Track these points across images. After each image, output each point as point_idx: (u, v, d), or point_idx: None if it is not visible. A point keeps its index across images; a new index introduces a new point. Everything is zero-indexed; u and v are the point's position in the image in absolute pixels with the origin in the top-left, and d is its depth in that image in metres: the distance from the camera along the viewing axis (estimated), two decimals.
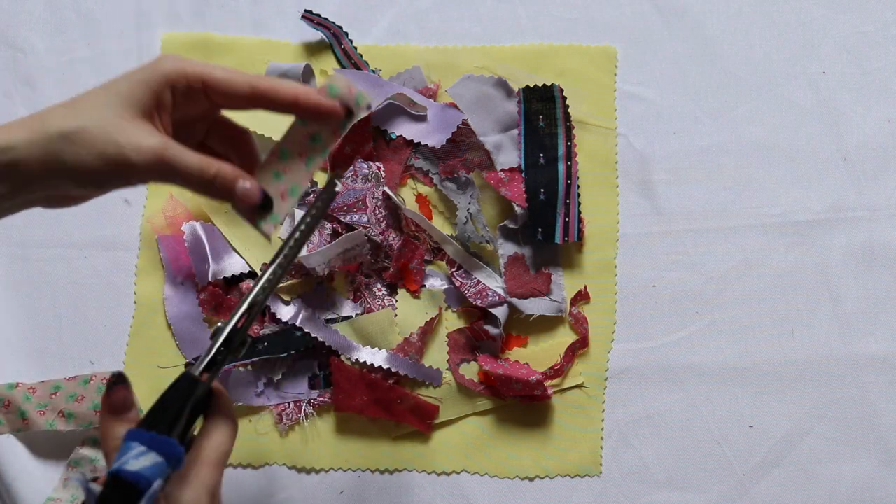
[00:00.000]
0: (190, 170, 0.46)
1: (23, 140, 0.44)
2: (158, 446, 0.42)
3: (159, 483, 0.41)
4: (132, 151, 0.45)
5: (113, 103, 0.46)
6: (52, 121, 0.45)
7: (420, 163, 0.74)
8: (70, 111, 0.46)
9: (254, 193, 0.47)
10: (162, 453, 0.42)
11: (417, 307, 0.71)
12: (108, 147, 0.45)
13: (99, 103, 0.46)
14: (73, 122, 0.45)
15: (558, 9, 0.79)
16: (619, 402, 0.69)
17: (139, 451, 0.41)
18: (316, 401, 0.69)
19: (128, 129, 0.45)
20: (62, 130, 0.45)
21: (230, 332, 0.47)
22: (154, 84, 0.47)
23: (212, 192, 0.47)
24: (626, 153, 0.75)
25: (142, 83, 0.47)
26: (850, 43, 0.77)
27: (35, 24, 0.79)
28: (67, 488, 0.65)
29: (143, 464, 0.41)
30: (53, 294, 0.72)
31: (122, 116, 0.45)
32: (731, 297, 0.71)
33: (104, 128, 0.45)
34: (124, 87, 0.46)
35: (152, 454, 0.41)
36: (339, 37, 0.77)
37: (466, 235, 0.71)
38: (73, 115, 0.45)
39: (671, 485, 0.67)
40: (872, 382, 0.69)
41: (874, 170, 0.74)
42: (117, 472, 0.41)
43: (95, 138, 0.45)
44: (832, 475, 0.67)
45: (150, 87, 0.47)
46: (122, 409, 0.46)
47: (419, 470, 0.68)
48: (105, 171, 0.45)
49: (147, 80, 0.47)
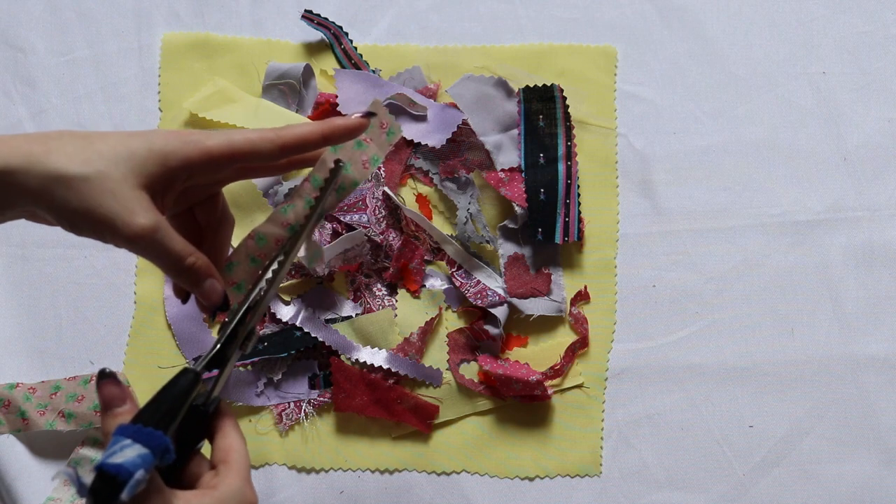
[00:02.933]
0: (170, 254, 0.45)
1: (21, 167, 0.43)
2: (143, 438, 0.42)
3: (142, 473, 0.41)
4: (122, 224, 0.44)
5: (124, 163, 0.44)
6: (56, 156, 0.44)
7: (420, 163, 0.74)
8: (79, 153, 0.44)
9: (217, 293, 0.48)
10: (147, 445, 0.42)
11: (417, 307, 0.71)
12: (100, 207, 0.43)
13: (111, 157, 0.44)
14: (76, 168, 0.44)
15: (558, 9, 0.79)
16: (619, 402, 0.69)
17: (124, 443, 0.42)
18: (316, 401, 0.69)
19: (128, 198, 0.44)
20: (62, 173, 0.43)
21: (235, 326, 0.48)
22: (172, 164, 0.45)
23: (180, 277, 0.47)
24: (626, 153, 0.75)
25: (160, 157, 0.45)
26: (850, 43, 0.77)
27: (35, 24, 0.79)
28: (67, 488, 0.65)
29: (126, 456, 0.41)
30: (53, 294, 0.72)
31: (127, 180, 0.44)
32: (731, 297, 0.71)
33: (105, 186, 0.44)
34: (142, 152, 0.45)
35: (137, 446, 0.42)
36: (339, 37, 0.77)
37: (466, 235, 0.71)
38: (80, 160, 0.44)
39: (671, 485, 0.67)
40: (872, 382, 0.69)
41: (874, 170, 0.74)
42: (100, 466, 0.41)
43: (91, 193, 0.43)
44: (832, 475, 0.67)
45: (166, 167, 0.45)
46: (114, 403, 0.46)
47: (419, 470, 0.68)
48: (86, 226, 0.44)
49: (166, 158, 0.45)
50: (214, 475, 0.45)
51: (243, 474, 0.46)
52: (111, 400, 0.46)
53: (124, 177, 0.44)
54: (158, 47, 0.78)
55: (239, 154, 0.46)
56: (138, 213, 0.44)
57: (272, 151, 0.47)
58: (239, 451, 0.46)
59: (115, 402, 0.46)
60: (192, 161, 0.46)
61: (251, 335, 0.49)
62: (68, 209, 0.44)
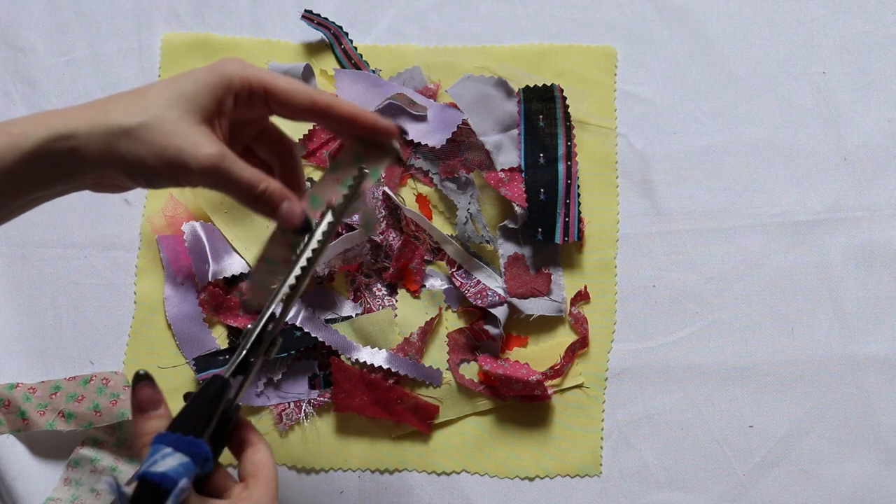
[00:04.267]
0: (241, 182, 0.46)
1: (83, 129, 0.44)
2: (184, 447, 0.43)
3: (185, 482, 0.42)
4: (190, 157, 0.45)
5: (177, 104, 0.46)
6: (114, 114, 0.45)
7: (420, 163, 0.74)
8: (133, 104, 0.46)
9: (296, 215, 0.48)
10: (188, 453, 0.43)
11: (417, 307, 0.71)
12: (167, 149, 0.45)
13: (162, 101, 0.46)
14: (134, 118, 0.45)
15: (558, 9, 0.79)
16: (619, 402, 0.69)
17: (165, 452, 0.42)
18: (316, 401, 0.69)
19: (189, 133, 0.45)
20: (123, 125, 0.45)
21: (260, 332, 0.48)
22: (219, 89, 0.47)
23: (256, 206, 0.47)
24: (626, 153, 0.75)
25: (207, 87, 0.46)
26: (850, 43, 0.77)
27: (35, 24, 0.79)
28: (68, 488, 0.65)
29: (169, 464, 0.42)
30: (53, 294, 0.72)
31: (183, 119, 0.45)
32: (731, 297, 0.71)
33: (165, 128, 0.45)
34: (189, 88, 0.46)
35: (178, 455, 0.42)
36: (339, 37, 0.77)
37: (466, 235, 0.71)
38: (136, 111, 0.45)
39: (671, 485, 0.67)
40: (872, 382, 0.69)
41: (874, 170, 0.74)
42: (144, 475, 0.42)
43: (155, 138, 0.45)
44: (832, 475, 0.67)
45: (214, 92, 0.47)
46: (148, 406, 0.47)
47: (419, 470, 0.68)
48: (160, 171, 0.45)
49: (212, 84, 0.47)
50: (244, 488, 0.46)
51: (272, 491, 0.46)
52: (146, 403, 0.46)
53: (181, 116, 0.45)
54: (158, 47, 0.78)
55: (274, 90, 0.48)
56: (202, 144, 0.45)
57: (304, 101, 0.48)
58: (269, 467, 0.47)
59: (149, 405, 0.47)
60: (235, 85, 0.47)
61: (275, 342, 0.49)
62: (137, 160, 0.45)
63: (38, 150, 0.44)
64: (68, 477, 0.66)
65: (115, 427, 0.67)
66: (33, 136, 0.44)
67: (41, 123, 0.44)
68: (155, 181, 0.46)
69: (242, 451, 0.48)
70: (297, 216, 0.48)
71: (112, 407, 0.66)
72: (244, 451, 0.48)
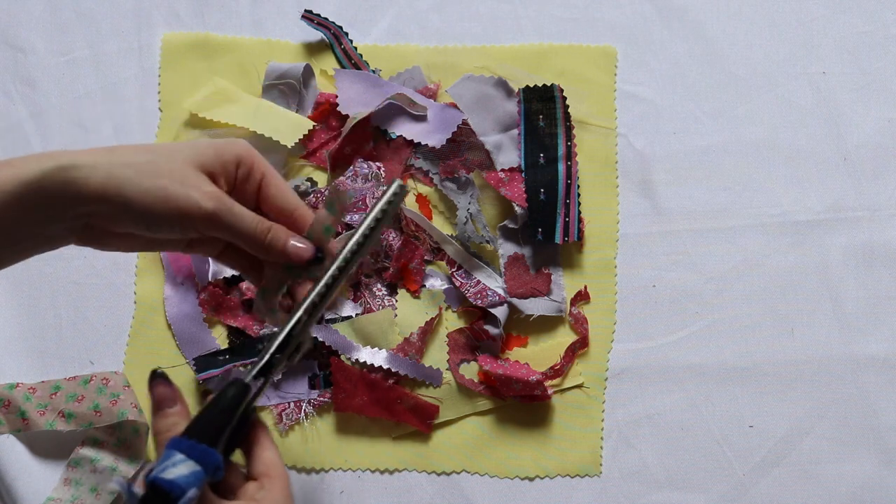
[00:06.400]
0: (245, 222, 0.48)
1: (87, 161, 0.45)
2: (197, 455, 0.43)
3: (194, 491, 0.42)
4: (195, 191, 0.46)
5: (182, 153, 0.47)
6: (119, 151, 0.46)
7: (420, 163, 0.74)
8: (140, 148, 0.47)
9: (305, 250, 0.49)
10: (200, 461, 0.43)
11: (417, 307, 0.71)
12: (171, 183, 0.46)
13: (169, 149, 0.47)
14: (142, 157, 0.46)
15: (558, 9, 0.79)
16: (619, 402, 0.69)
17: (177, 458, 0.43)
18: (316, 401, 0.69)
19: (193, 176, 0.47)
20: (127, 161, 0.46)
21: (286, 337, 0.48)
22: (225, 155, 0.49)
23: (263, 248, 0.49)
24: (626, 153, 0.75)
25: (213, 149, 0.49)
26: (850, 43, 0.77)
27: (35, 24, 0.79)
28: (68, 488, 0.65)
29: (179, 472, 0.42)
30: (53, 294, 0.72)
31: (188, 165, 0.47)
32: (731, 297, 0.71)
33: (172, 167, 0.46)
34: (197, 147, 0.48)
35: (190, 462, 0.43)
36: (339, 37, 0.77)
37: (466, 235, 0.71)
38: (143, 152, 0.47)
39: (671, 485, 0.67)
40: (872, 382, 0.69)
41: (874, 170, 0.74)
42: (153, 480, 0.42)
43: (161, 171, 0.46)
44: (832, 475, 0.67)
45: (219, 156, 0.49)
46: (165, 403, 0.48)
47: (419, 470, 0.68)
48: (162, 209, 0.46)
49: (219, 150, 0.49)
50: (259, 488, 0.46)
51: (286, 490, 0.47)
52: (162, 400, 0.48)
53: (185, 163, 0.47)
54: (158, 47, 0.78)
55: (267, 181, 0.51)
56: (207, 185, 0.47)
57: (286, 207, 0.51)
58: (281, 466, 0.48)
59: (166, 402, 0.48)
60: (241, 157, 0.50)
61: (300, 347, 0.49)
62: (139, 194, 0.45)
63: (38, 180, 0.44)
64: (68, 477, 0.66)
65: (115, 427, 0.67)
66: (36, 167, 0.44)
67: (45, 157, 0.45)
68: (153, 221, 0.47)
69: (251, 449, 0.48)
70: (308, 250, 0.50)
71: (112, 407, 0.66)
72: (253, 449, 0.48)
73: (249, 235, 0.48)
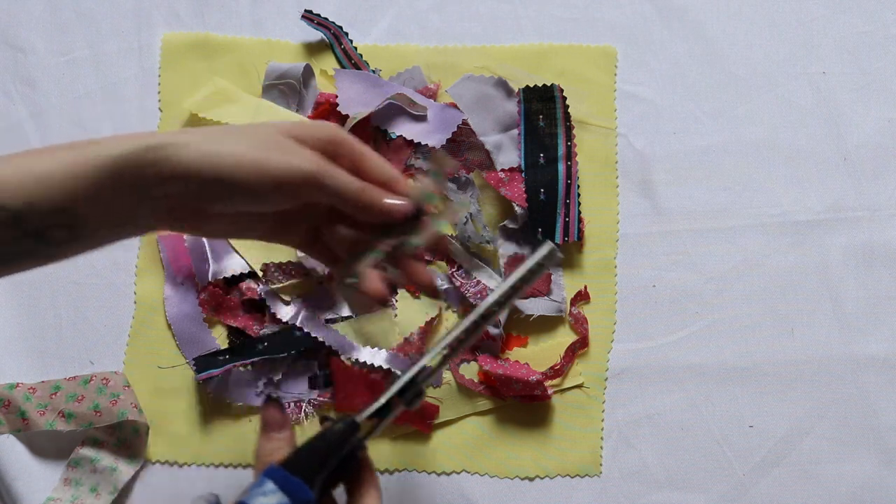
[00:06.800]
0: (344, 179, 0.47)
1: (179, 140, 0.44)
2: (289, 488, 0.42)
3: None
4: (294, 156, 0.45)
5: (277, 127, 0.47)
6: (212, 130, 0.46)
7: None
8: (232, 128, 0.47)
9: (404, 205, 0.48)
10: (291, 495, 0.42)
11: (417, 307, 0.71)
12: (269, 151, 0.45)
13: (262, 125, 0.47)
14: (235, 132, 0.46)
15: (558, 9, 0.79)
16: (619, 402, 0.69)
17: (268, 488, 0.42)
18: (316, 401, 0.69)
19: (289, 144, 0.46)
20: (221, 136, 0.45)
21: (408, 381, 0.47)
22: (318, 133, 0.48)
23: (362, 205, 0.48)
24: (626, 153, 0.75)
25: (306, 125, 0.48)
26: (850, 43, 0.77)
27: (35, 24, 0.79)
28: (68, 488, 0.65)
29: (267, 502, 0.42)
30: (53, 294, 0.72)
31: (285, 135, 0.47)
32: (731, 297, 0.71)
33: (267, 138, 0.46)
34: (289, 122, 0.48)
35: (280, 494, 0.42)
36: (339, 37, 0.77)
37: (466, 235, 0.71)
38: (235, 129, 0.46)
39: (671, 485, 0.67)
40: (872, 382, 0.69)
41: (874, 170, 0.74)
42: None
43: (257, 142, 0.45)
44: (832, 475, 0.67)
45: (313, 133, 0.48)
46: (272, 427, 0.47)
47: (419, 470, 0.68)
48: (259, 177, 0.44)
49: (311, 127, 0.48)
50: None
51: None
52: (271, 424, 0.47)
53: (279, 132, 0.47)
54: (158, 47, 0.78)
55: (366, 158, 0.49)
56: (301, 151, 0.46)
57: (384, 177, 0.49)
58: None
59: (274, 426, 0.47)
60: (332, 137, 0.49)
61: (420, 395, 0.48)
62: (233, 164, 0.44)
63: (128, 157, 0.43)
64: (68, 477, 0.66)
65: (115, 427, 0.67)
66: (127, 145, 0.43)
67: (134, 137, 0.44)
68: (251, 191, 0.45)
69: (354, 490, 0.47)
70: (403, 206, 0.48)
71: (112, 407, 0.66)
72: (356, 490, 0.47)
73: (350, 192, 0.47)
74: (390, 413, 0.47)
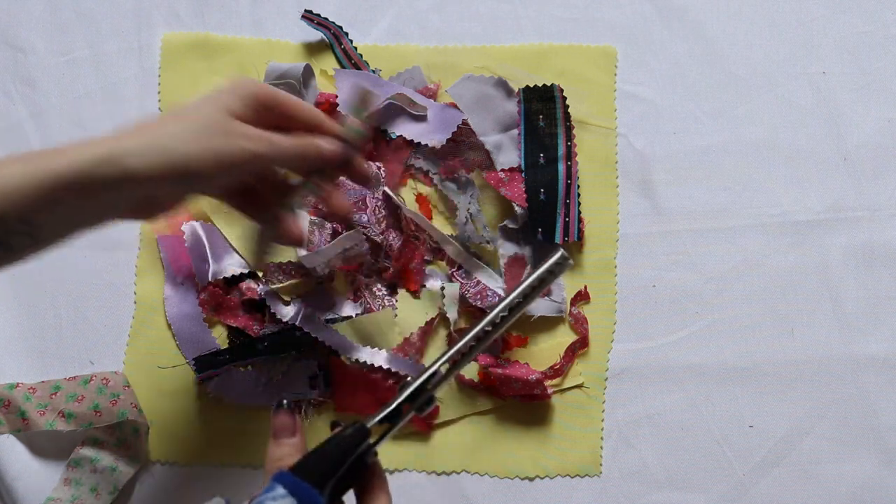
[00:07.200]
0: (285, 145, 0.51)
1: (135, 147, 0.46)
2: (299, 493, 0.43)
3: None
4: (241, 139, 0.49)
5: (214, 106, 0.50)
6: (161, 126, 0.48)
7: (420, 163, 0.74)
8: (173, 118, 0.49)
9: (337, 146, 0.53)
10: (300, 500, 0.43)
11: (417, 307, 0.71)
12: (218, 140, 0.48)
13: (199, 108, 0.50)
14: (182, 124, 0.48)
15: (558, 9, 0.79)
16: (619, 402, 0.69)
17: (278, 493, 0.42)
18: (316, 401, 0.69)
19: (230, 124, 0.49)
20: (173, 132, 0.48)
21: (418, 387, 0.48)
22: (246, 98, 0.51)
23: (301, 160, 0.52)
24: (626, 153, 0.75)
25: (233, 95, 0.51)
26: (850, 43, 0.77)
27: (35, 24, 0.79)
28: (68, 488, 0.65)
29: None
30: (53, 294, 0.72)
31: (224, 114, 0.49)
32: (731, 297, 0.71)
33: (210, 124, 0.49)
34: (220, 98, 0.50)
35: (290, 499, 0.42)
36: (339, 37, 0.77)
37: (466, 235, 0.71)
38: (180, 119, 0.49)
39: (671, 485, 0.67)
40: (872, 382, 0.69)
41: (874, 170, 0.74)
42: None
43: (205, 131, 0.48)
44: (832, 475, 0.67)
45: (241, 98, 0.51)
46: (282, 433, 0.48)
47: (419, 470, 0.68)
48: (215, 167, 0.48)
49: (238, 93, 0.51)
50: None
51: None
52: (281, 429, 0.49)
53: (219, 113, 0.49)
54: (158, 47, 0.78)
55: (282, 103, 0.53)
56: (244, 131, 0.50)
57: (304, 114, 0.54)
58: None
59: (284, 432, 0.49)
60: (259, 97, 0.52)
61: (431, 401, 0.48)
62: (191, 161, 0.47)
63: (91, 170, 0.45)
64: (68, 477, 0.66)
65: (115, 427, 0.67)
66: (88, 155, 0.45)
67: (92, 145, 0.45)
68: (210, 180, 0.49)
69: (364, 496, 0.48)
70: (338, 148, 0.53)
71: (112, 407, 0.66)
72: (365, 496, 0.48)
73: (291, 155, 0.51)
74: (400, 419, 0.47)
